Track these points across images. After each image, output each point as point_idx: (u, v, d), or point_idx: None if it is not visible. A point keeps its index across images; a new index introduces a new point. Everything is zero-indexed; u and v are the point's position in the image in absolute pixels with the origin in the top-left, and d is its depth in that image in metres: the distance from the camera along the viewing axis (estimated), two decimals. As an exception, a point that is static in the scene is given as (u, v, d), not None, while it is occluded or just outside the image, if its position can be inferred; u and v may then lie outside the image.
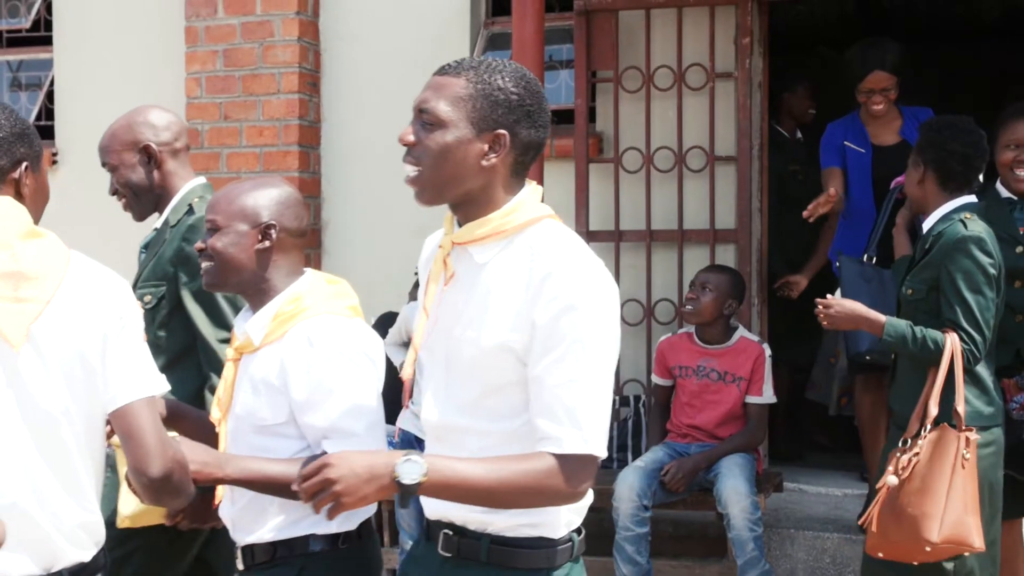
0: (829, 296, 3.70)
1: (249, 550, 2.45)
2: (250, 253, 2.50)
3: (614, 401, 5.24)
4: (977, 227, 3.47)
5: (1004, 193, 3.83)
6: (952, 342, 3.39)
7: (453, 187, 2.10)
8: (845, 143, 4.88)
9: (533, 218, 2.10)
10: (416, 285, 4.90)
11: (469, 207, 2.12)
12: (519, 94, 2.08)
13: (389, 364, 4.41)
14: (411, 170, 2.13)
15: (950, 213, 3.54)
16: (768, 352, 4.54)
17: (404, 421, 4.22)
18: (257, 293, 2.52)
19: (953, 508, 3.30)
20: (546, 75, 4.49)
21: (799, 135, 5.93)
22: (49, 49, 6.47)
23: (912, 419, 3.41)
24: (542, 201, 2.16)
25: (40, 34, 6.55)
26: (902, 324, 3.48)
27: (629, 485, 4.30)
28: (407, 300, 4.84)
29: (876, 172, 4.73)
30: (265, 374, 2.43)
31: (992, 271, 3.44)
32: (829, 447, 5.93)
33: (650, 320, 5.30)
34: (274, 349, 2.44)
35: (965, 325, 3.41)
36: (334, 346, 2.41)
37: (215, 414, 2.51)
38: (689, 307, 4.54)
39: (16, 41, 6.65)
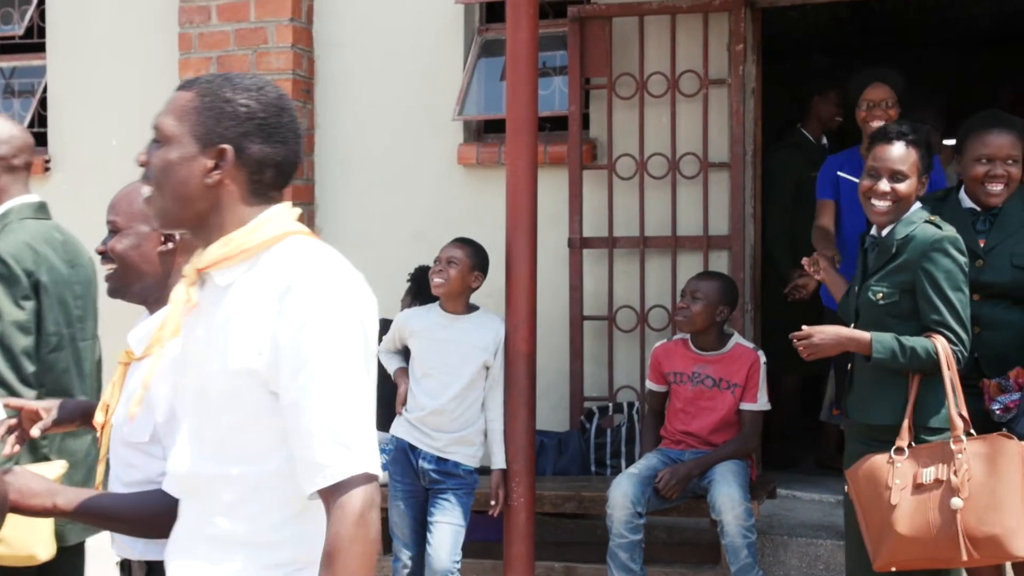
0: (805, 326, 3.55)
1: (126, 565, 2.36)
2: (152, 256, 2.38)
3: (607, 407, 5.25)
4: (950, 228, 3.44)
5: (966, 203, 3.75)
6: (943, 346, 3.34)
7: (183, 208, 1.94)
8: (839, 173, 4.80)
9: (278, 235, 1.95)
10: (408, 291, 4.92)
11: (206, 231, 1.96)
12: (249, 106, 1.93)
13: (383, 371, 4.43)
14: (147, 191, 1.98)
15: (911, 217, 3.48)
16: (763, 359, 4.53)
17: (397, 428, 4.22)
18: (159, 301, 2.36)
19: (1022, 519, 3.24)
20: (540, 81, 4.49)
21: (824, 141, 5.87)
22: (42, 56, 6.47)
23: (903, 428, 3.33)
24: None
25: (33, 41, 6.55)
26: (888, 338, 3.38)
27: (623, 492, 4.29)
28: (400, 307, 4.84)
29: None
30: (135, 389, 2.27)
31: (967, 270, 3.42)
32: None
33: (643, 326, 5.30)
34: (147, 364, 2.28)
35: (953, 325, 3.36)
36: None
37: (98, 418, 2.39)
38: (681, 316, 4.54)
39: (9, 48, 6.64)
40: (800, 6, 5.84)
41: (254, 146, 1.94)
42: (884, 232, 3.51)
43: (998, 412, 3.49)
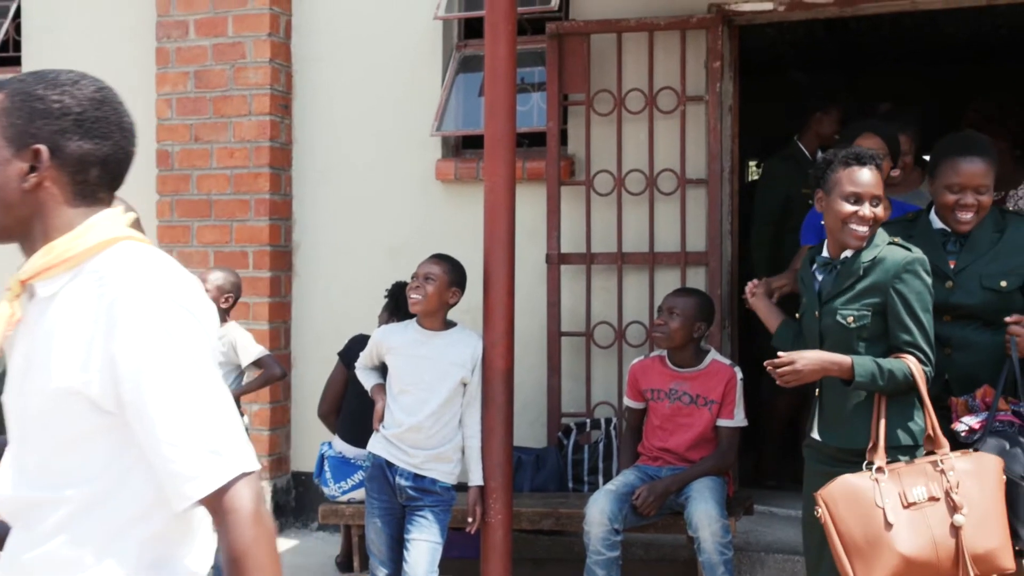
0: (782, 353, 3.44)
1: None
2: None
3: (584, 423, 5.24)
4: (917, 249, 3.46)
5: (937, 224, 3.72)
6: (916, 367, 3.36)
7: (3, 216, 1.83)
8: (823, 222, 4.67)
9: (105, 240, 1.83)
10: (385, 307, 4.91)
11: (30, 240, 1.86)
12: (62, 102, 1.82)
13: (361, 387, 4.42)
14: None
15: (874, 239, 3.47)
16: (740, 375, 4.54)
17: (374, 445, 4.20)
18: None
19: (1007, 534, 3.28)
20: (518, 97, 4.50)
21: (820, 156, 5.79)
22: (18, 69, 6.43)
23: (880, 449, 3.31)
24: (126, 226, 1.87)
25: (9, 54, 6.52)
26: (867, 361, 3.37)
27: (600, 509, 4.29)
28: (377, 323, 4.83)
29: None
30: None
31: (933, 291, 3.44)
32: None
33: (621, 343, 5.31)
34: None
35: (924, 346, 3.38)
36: None
37: None
38: (659, 332, 4.54)
39: (-15, 61, 6.61)
40: (776, 23, 5.87)
41: (72, 144, 1.83)
42: (846, 254, 3.49)
43: (963, 433, 3.46)
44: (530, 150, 5.65)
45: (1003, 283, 3.59)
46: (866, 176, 3.48)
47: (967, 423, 3.45)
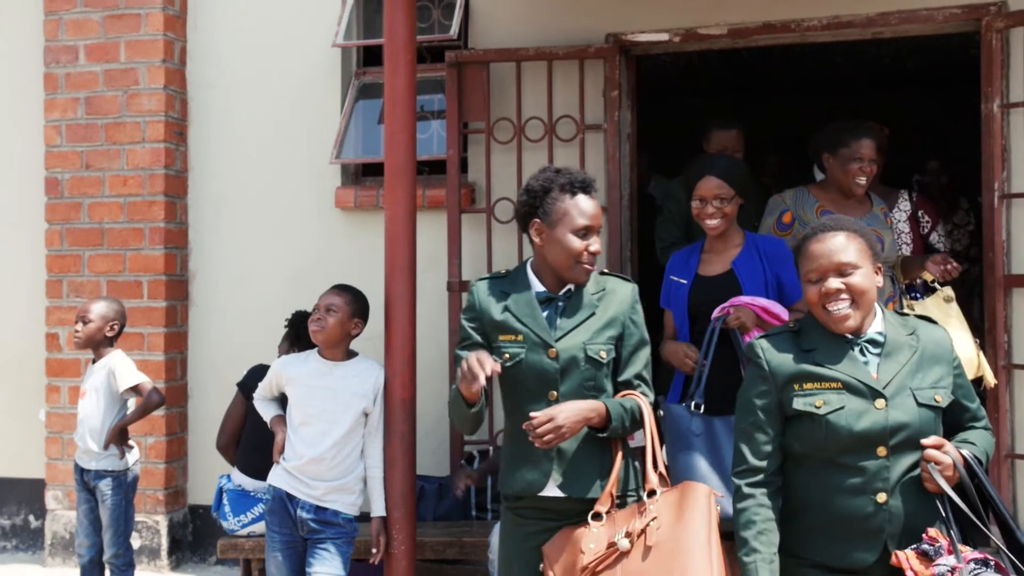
0: (537, 413, 3.10)
1: None
2: None
3: (487, 451, 5.23)
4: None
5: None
6: (645, 403, 3.20)
7: None
8: (671, 276, 4.23)
9: None
10: (285, 337, 4.84)
11: None
12: None
13: (260, 418, 4.34)
14: None
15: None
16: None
17: (275, 477, 4.13)
18: None
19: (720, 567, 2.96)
20: (418, 125, 4.49)
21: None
22: (-101, 94, 6.24)
23: (604, 494, 3.13)
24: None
25: None
26: (616, 405, 3.16)
27: (504, 537, 4.27)
28: (277, 353, 4.76)
29: (692, 304, 4.10)
30: None
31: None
32: None
33: (523, 369, 5.31)
34: None
35: (648, 378, 3.28)
36: None
37: None
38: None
39: None
40: (673, 53, 5.97)
41: None
42: (570, 288, 3.26)
43: (947, 575, 2.73)
44: (430, 178, 5.64)
45: (937, 397, 2.89)
46: (594, 206, 3.22)
47: (948, 564, 2.72)
